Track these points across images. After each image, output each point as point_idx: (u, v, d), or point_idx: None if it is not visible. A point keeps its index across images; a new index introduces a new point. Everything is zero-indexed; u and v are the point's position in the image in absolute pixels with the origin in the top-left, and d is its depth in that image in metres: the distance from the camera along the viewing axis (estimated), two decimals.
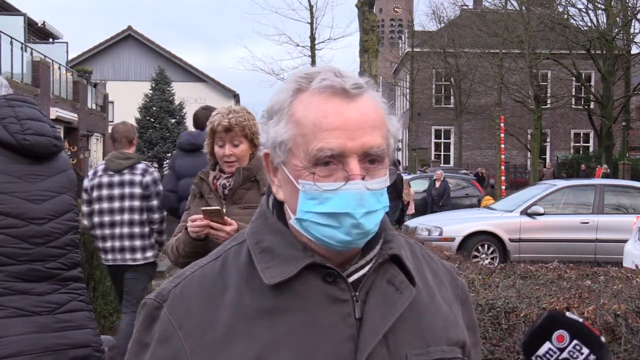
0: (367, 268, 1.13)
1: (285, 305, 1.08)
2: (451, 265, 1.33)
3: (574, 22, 28.71)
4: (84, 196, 4.91)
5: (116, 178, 4.91)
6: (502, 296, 3.36)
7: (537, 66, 26.79)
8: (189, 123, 28.91)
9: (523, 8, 26.41)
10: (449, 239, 11.11)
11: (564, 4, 28.89)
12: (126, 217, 4.85)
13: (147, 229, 4.90)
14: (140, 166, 5.04)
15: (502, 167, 22.42)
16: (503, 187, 21.49)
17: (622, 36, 27.12)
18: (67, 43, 26.51)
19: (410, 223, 12.31)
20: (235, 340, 1.06)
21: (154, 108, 29.46)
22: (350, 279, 1.11)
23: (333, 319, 1.08)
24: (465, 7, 35.63)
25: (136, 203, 4.85)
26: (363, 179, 1.06)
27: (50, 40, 26.83)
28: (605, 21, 27.96)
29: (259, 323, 1.07)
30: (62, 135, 22.55)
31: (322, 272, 1.10)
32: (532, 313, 3.15)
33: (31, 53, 19.77)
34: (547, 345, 1.18)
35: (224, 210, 2.88)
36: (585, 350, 1.16)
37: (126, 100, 32.71)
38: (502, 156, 22.34)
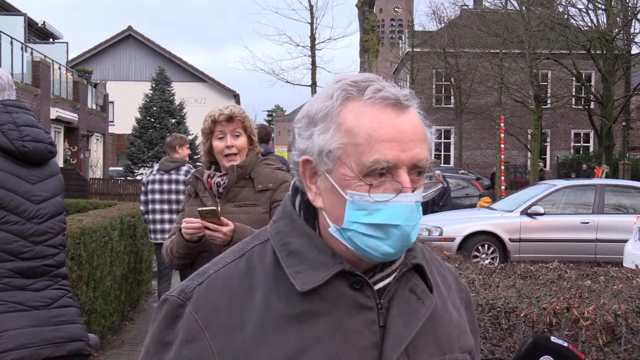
0: (392, 277, 1.13)
1: (313, 310, 1.07)
2: (453, 267, 1.34)
3: (574, 22, 28.73)
4: (142, 188, 6.59)
5: (165, 177, 6.47)
6: (502, 296, 3.36)
7: (537, 66, 26.80)
8: (189, 123, 28.95)
9: (523, 8, 26.40)
10: (449, 239, 11.11)
11: (564, 4, 28.91)
12: (172, 206, 6.41)
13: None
14: (184, 168, 6.52)
15: (502, 167, 22.43)
16: (503, 187, 21.49)
17: (622, 36, 27.12)
18: (67, 43, 26.50)
19: None
20: (264, 343, 1.06)
21: (154, 108, 29.47)
22: (376, 287, 1.11)
23: (359, 326, 1.08)
24: (465, 7, 35.61)
25: (179, 196, 6.29)
26: (413, 191, 1.06)
27: (51, 40, 26.82)
28: (605, 21, 27.97)
29: (287, 327, 1.06)
30: (62, 135, 22.56)
31: (350, 279, 1.10)
32: (532, 313, 3.15)
33: (31, 53, 19.78)
34: None
35: (219, 209, 2.88)
36: None
37: (126, 100, 32.73)
38: (502, 156, 22.34)
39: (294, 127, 1.15)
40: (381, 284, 1.12)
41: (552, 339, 1.21)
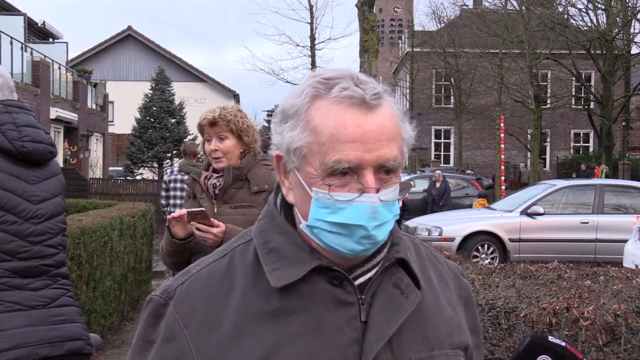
0: (373, 271, 1.13)
1: (291, 306, 1.08)
2: (457, 265, 1.32)
3: (574, 22, 28.71)
4: (163, 185, 7.55)
5: (186, 177, 6.91)
6: (502, 296, 3.36)
7: (537, 66, 26.80)
8: (189, 123, 28.91)
9: (523, 8, 26.40)
10: (449, 239, 11.12)
11: (564, 4, 28.89)
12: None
13: None
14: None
15: (502, 167, 22.42)
16: (503, 187, 21.49)
17: (622, 36, 27.11)
18: (67, 43, 26.48)
19: (410, 223, 12.31)
20: (241, 341, 1.06)
21: (154, 108, 29.43)
22: (357, 282, 1.11)
23: (338, 322, 1.08)
24: (465, 7, 35.61)
25: None
26: (377, 191, 1.05)
27: (50, 40, 26.81)
28: (605, 21, 27.95)
29: (264, 324, 1.07)
30: (62, 135, 22.55)
31: (329, 275, 1.09)
32: (532, 313, 3.15)
33: (31, 53, 19.76)
34: None
35: (215, 210, 2.89)
36: None
37: (126, 100, 32.71)
38: (502, 156, 22.34)
39: (272, 121, 1.15)
40: (362, 279, 1.12)
41: (550, 338, 1.21)
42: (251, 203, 2.95)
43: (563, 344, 1.20)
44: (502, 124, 22.20)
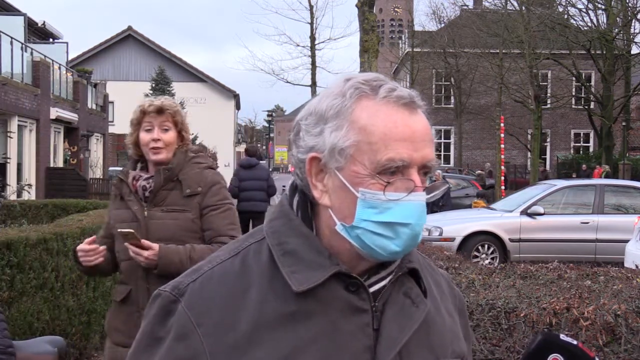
0: (387, 279, 1.13)
1: (308, 310, 1.07)
2: (447, 274, 1.34)
3: (574, 22, 28.72)
4: None
5: None
6: (502, 296, 3.36)
7: (537, 66, 26.78)
8: (189, 123, 28.99)
9: (523, 8, 26.39)
10: (449, 239, 11.11)
11: (564, 4, 28.90)
12: None
13: None
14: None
15: (502, 167, 22.42)
16: (503, 187, 21.49)
17: (622, 36, 27.12)
18: (67, 43, 26.47)
19: None
20: (257, 344, 1.05)
21: None
22: (371, 290, 1.11)
23: (353, 328, 1.08)
24: (465, 7, 35.61)
25: None
26: (423, 190, 1.07)
27: (50, 40, 26.80)
28: (605, 21, 27.96)
29: (281, 328, 1.06)
30: (62, 135, 22.54)
31: (346, 281, 1.09)
32: (532, 313, 3.15)
33: (31, 53, 19.75)
34: None
35: (145, 213, 2.75)
36: None
37: (126, 100, 32.67)
38: (502, 156, 22.34)
39: (299, 124, 1.14)
40: (376, 287, 1.12)
41: (562, 337, 1.20)
42: (183, 207, 2.76)
43: (575, 342, 1.19)
44: (502, 124, 22.20)
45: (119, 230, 2.62)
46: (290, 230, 1.13)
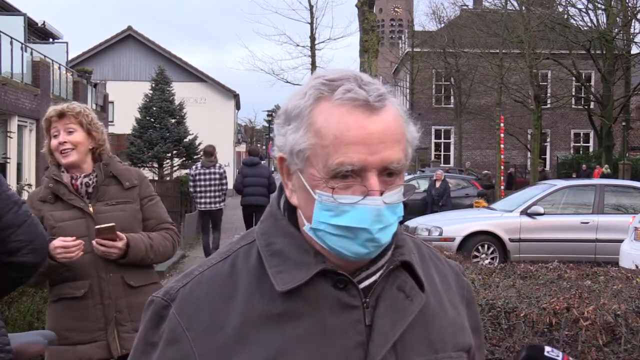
0: (377, 274, 1.12)
1: (296, 310, 1.07)
2: (457, 264, 1.32)
3: (574, 22, 28.70)
4: (190, 178, 11.36)
5: (207, 170, 11.14)
6: (502, 296, 3.36)
7: (537, 66, 26.77)
8: (189, 123, 28.93)
9: (523, 8, 26.39)
10: (449, 239, 11.11)
11: (564, 4, 28.88)
12: (212, 187, 11.15)
13: (219, 194, 11.21)
14: (217, 165, 11.27)
15: (502, 167, 22.42)
16: (502, 187, 21.49)
17: (622, 36, 27.10)
18: (67, 43, 26.47)
19: (410, 223, 12.31)
20: (244, 345, 1.06)
21: (154, 108, 29.39)
22: (361, 285, 1.10)
23: (343, 326, 1.07)
24: (465, 7, 35.58)
25: (215, 181, 11.14)
26: (381, 194, 1.04)
27: (50, 40, 26.81)
28: (605, 21, 27.95)
29: (268, 328, 1.06)
30: None
31: (333, 278, 1.09)
32: (532, 313, 3.15)
33: (31, 53, 19.75)
34: None
35: (91, 208, 2.82)
36: None
37: (126, 100, 32.68)
38: (502, 156, 22.34)
39: (274, 122, 1.14)
40: (367, 282, 1.11)
41: (547, 351, 1.17)
42: (126, 199, 2.90)
43: (560, 357, 1.17)
44: (502, 124, 22.20)
45: (98, 227, 2.68)
46: (277, 230, 1.13)
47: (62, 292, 2.84)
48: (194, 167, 11.54)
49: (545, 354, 1.17)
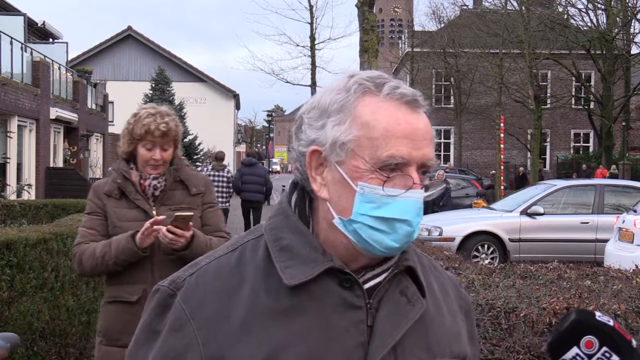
0: (382, 277, 1.14)
1: (301, 306, 1.08)
2: (455, 276, 1.34)
3: (574, 22, 28.73)
4: None
5: (217, 173, 11.79)
6: (502, 296, 3.36)
7: (537, 66, 26.79)
8: (189, 123, 28.97)
9: (523, 8, 26.39)
10: (449, 239, 11.11)
11: (564, 4, 28.91)
12: (222, 190, 11.75)
13: (226, 195, 11.98)
14: (227, 169, 12.06)
15: (502, 167, 22.43)
16: (502, 187, 21.50)
17: (622, 36, 27.13)
18: (67, 43, 26.47)
19: None
20: (248, 336, 1.07)
21: None
22: (365, 286, 1.12)
23: (346, 324, 1.09)
24: (465, 7, 35.61)
25: (224, 184, 11.82)
26: (425, 189, 1.09)
27: (50, 40, 26.80)
28: (605, 21, 27.96)
29: (273, 321, 1.07)
30: (62, 135, 22.54)
31: (340, 277, 1.10)
32: (532, 313, 3.15)
33: (31, 53, 19.76)
34: (574, 350, 1.13)
35: (154, 212, 2.82)
36: (615, 358, 1.11)
37: (126, 100, 32.68)
38: (502, 156, 22.35)
39: (302, 117, 1.15)
40: (371, 283, 1.13)
41: (597, 316, 1.13)
42: (190, 205, 2.89)
43: (611, 323, 1.12)
44: (502, 124, 22.21)
45: (178, 214, 2.68)
46: (287, 226, 1.14)
47: (117, 294, 2.84)
48: (205, 169, 12.41)
49: (597, 317, 1.13)
